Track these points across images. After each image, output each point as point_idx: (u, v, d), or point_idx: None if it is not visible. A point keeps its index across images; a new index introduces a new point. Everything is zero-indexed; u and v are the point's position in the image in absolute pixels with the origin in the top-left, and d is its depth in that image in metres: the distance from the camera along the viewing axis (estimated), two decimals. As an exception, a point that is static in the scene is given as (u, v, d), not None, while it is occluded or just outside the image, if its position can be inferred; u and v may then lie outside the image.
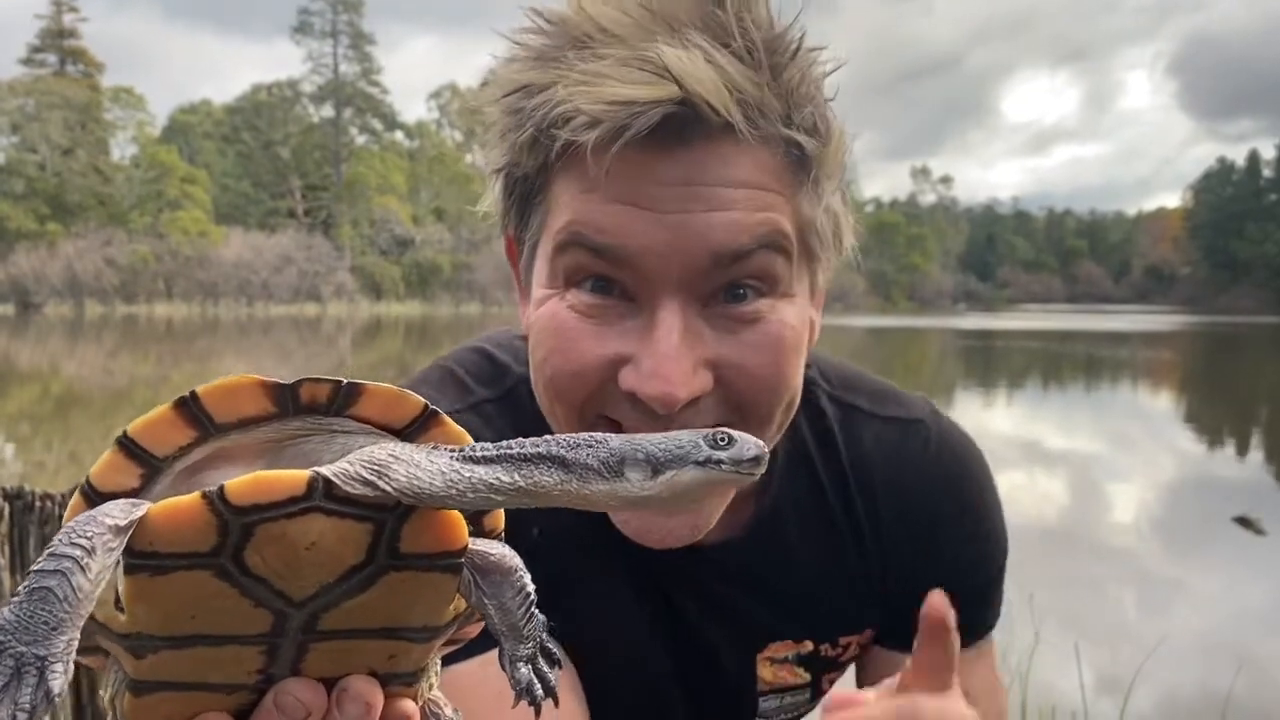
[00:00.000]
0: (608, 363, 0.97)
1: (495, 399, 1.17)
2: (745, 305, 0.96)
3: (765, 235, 0.94)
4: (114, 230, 68.38)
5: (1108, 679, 4.18)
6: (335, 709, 0.62)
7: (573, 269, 0.97)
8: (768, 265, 0.96)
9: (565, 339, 0.98)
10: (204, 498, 0.56)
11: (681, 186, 0.92)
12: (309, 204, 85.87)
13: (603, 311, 0.97)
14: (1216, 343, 46.25)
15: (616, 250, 0.93)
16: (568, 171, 0.96)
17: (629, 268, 0.94)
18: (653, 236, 0.92)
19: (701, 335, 0.96)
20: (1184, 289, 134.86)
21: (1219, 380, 26.69)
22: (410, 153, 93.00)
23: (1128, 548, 7.96)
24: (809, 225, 0.99)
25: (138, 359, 29.29)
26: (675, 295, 0.94)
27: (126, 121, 78.91)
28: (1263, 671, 5.09)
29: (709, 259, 0.93)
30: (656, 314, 0.94)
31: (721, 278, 0.95)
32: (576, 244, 0.95)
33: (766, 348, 0.97)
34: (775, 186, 0.95)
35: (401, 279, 79.76)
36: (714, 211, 0.92)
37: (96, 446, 12.40)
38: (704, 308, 0.96)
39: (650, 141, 0.90)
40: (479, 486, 0.59)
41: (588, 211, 0.94)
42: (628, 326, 0.96)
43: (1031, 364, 28.96)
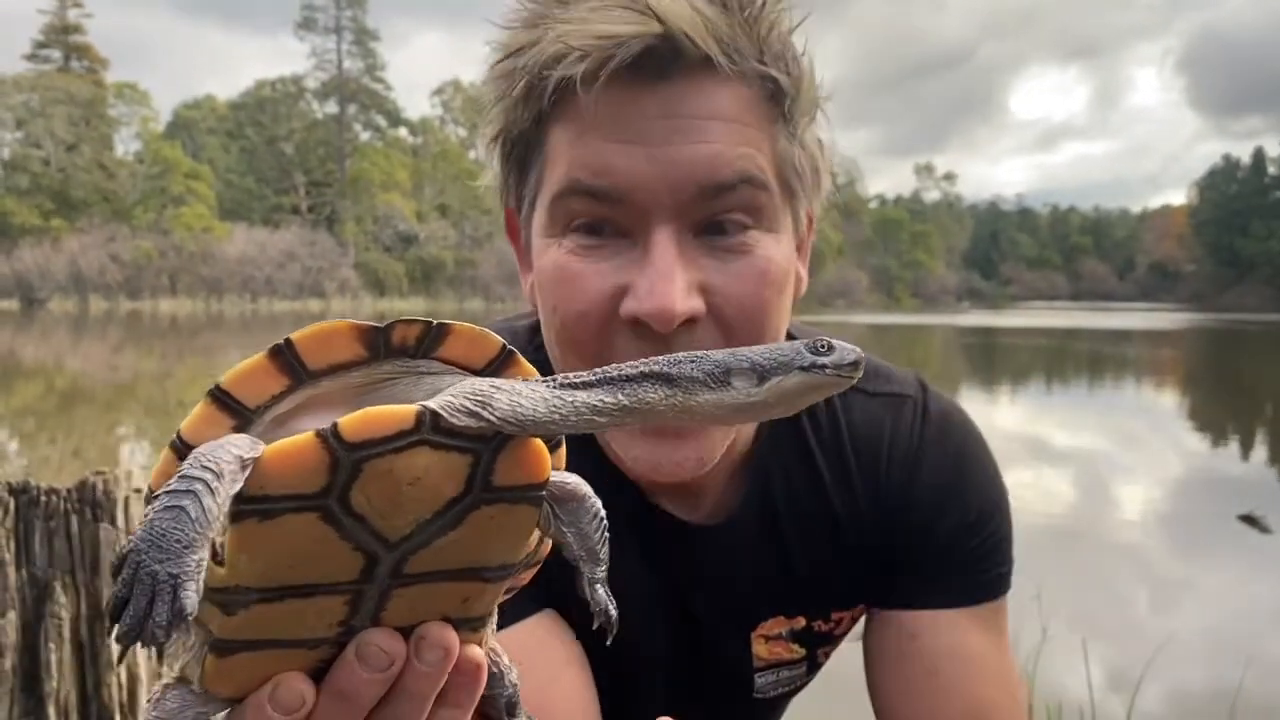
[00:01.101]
0: (610, 295, 1.01)
1: None
2: (733, 237, 1.02)
3: (746, 170, 1.00)
4: (118, 226, 68.43)
5: (1115, 676, 4.16)
6: (414, 657, 0.64)
7: (570, 214, 1.03)
8: (750, 198, 1.02)
9: (568, 281, 1.03)
10: (318, 436, 0.57)
11: (665, 119, 0.98)
12: (313, 200, 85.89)
13: (598, 250, 1.02)
14: (1220, 340, 46.17)
15: (610, 190, 0.99)
16: (561, 120, 1.02)
17: (623, 204, 1.00)
18: (643, 170, 0.98)
19: (695, 260, 1.01)
20: (1188, 286, 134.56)
21: (1223, 378, 26.65)
22: (414, 149, 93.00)
23: (1134, 545, 7.95)
24: (786, 161, 1.05)
25: (142, 355, 29.32)
26: (668, 224, 1.00)
27: (130, 117, 78.99)
28: (1270, 668, 5.08)
29: (695, 190, 0.99)
30: (651, 241, 1.00)
31: (708, 209, 1.01)
32: (574, 190, 1.01)
33: (752, 278, 1.02)
34: (753, 121, 1.02)
35: (405, 275, 79.78)
36: (697, 144, 0.98)
37: (101, 442, 12.41)
38: (695, 238, 1.02)
39: (634, 77, 0.97)
40: (582, 410, 0.61)
41: (582, 156, 1.00)
42: (625, 259, 1.02)
43: (1035, 361, 28.92)
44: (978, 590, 1.21)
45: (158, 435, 13.51)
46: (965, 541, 1.21)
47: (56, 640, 2.67)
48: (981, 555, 1.23)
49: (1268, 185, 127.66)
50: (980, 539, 1.22)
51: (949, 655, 1.17)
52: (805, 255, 1.19)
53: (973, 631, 1.19)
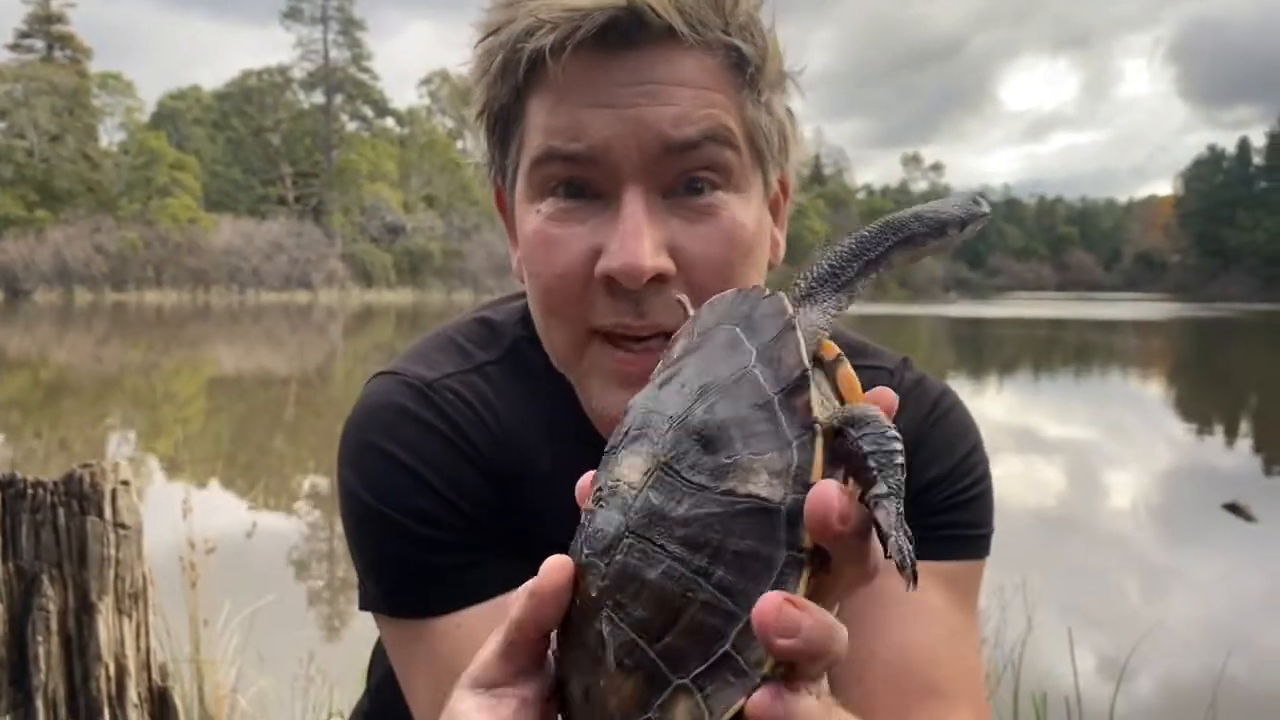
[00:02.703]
0: (586, 258, 1.04)
1: (496, 360, 1.20)
2: (703, 198, 1.04)
3: (710, 129, 1.03)
4: (103, 217, 67.95)
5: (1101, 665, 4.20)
6: None
7: (547, 179, 1.06)
8: (717, 156, 1.04)
9: (547, 246, 1.06)
10: None
11: (633, 85, 1.02)
12: (299, 191, 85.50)
13: (575, 213, 1.05)
14: (1206, 331, 46.41)
15: (582, 152, 1.02)
16: (537, 92, 1.05)
17: (594, 165, 1.03)
18: (612, 129, 1.01)
19: (664, 220, 1.04)
20: (1174, 276, 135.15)
21: (1208, 368, 26.79)
22: (401, 139, 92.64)
23: (1120, 534, 8.01)
24: (754, 126, 1.07)
25: (128, 347, 29.20)
26: (637, 184, 1.02)
27: (115, 107, 78.49)
28: (1254, 656, 5.13)
29: (661, 147, 1.01)
30: (621, 200, 1.03)
31: (676, 167, 1.03)
32: (549, 156, 1.04)
33: (721, 241, 1.05)
34: (717, 86, 1.04)
35: (393, 266, 79.51)
36: (663, 106, 1.02)
37: (87, 434, 12.36)
38: (665, 198, 1.04)
39: (602, 48, 1.00)
40: (853, 298, 0.73)
41: (556, 123, 1.03)
42: (599, 221, 1.04)
43: (1022, 352, 29.03)
44: (948, 545, 1.18)
45: (145, 427, 13.47)
46: (937, 493, 1.19)
47: (44, 633, 2.67)
48: (954, 508, 1.20)
49: (1253, 175, 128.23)
50: (953, 493, 1.20)
51: (901, 599, 1.07)
52: (782, 221, 1.21)
53: (934, 588, 1.15)
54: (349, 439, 1.15)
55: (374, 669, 1.56)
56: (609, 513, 0.62)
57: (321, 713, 3.39)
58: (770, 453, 0.59)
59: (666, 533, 0.58)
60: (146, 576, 2.86)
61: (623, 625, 0.59)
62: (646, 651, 0.58)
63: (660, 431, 0.62)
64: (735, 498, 0.58)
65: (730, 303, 0.70)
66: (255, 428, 13.88)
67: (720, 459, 0.59)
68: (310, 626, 5.40)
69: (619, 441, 0.65)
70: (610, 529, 0.61)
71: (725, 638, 0.57)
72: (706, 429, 0.60)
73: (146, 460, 10.58)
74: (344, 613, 5.82)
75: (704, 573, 0.57)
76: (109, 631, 2.73)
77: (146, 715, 2.81)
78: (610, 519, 0.61)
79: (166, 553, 3.64)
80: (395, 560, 1.11)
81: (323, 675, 3.59)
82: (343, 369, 23.23)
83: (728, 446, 0.59)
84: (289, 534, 7.57)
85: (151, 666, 2.86)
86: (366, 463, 1.12)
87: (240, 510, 8.20)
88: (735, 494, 0.58)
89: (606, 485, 0.63)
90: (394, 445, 1.10)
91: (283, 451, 12.00)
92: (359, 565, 1.15)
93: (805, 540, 0.57)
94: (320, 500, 8.88)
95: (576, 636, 0.64)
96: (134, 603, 2.80)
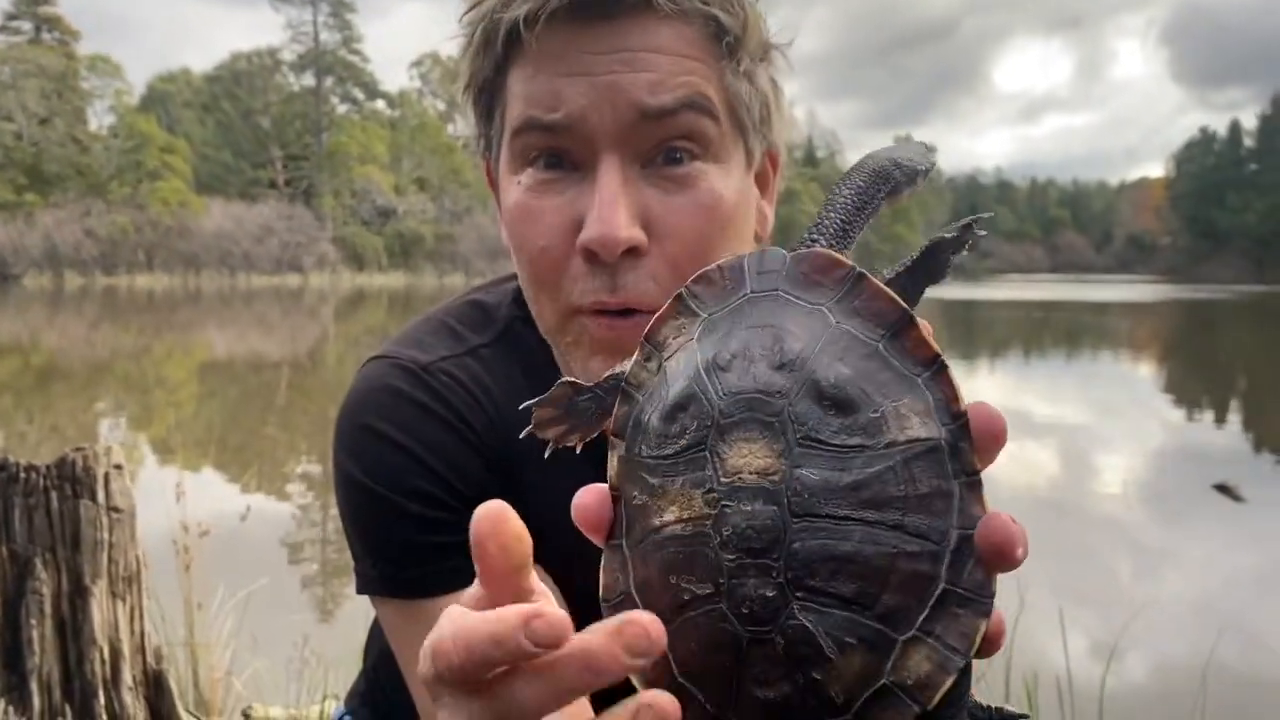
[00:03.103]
0: (567, 229, 1.03)
1: (490, 343, 1.20)
2: (680, 168, 1.04)
3: (688, 96, 1.02)
4: (93, 201, 67.60)
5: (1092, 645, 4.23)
6: None
7: (527, 149, 1.06)
8: (695, 124, 1.03)
9: (529, 218, 1.06)
10: None
11: (609, 54, 1.01)
12: (290, 174, 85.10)
13: (555, 184, 1.05)
14: (1196, 312, 46.53)
15: (559, 121, 1.02)
16: (516, 64, 1.05)
17: (570, 134, 1.02)
18: (587, 97, 1.00)
19: (640, 190, 1.03)
20: (1165, 258, 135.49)
21: (1198, 350, 26.89)
22: (392, 122, 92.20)
23: (1111, 515, 8.04)
24: (734, 96, 1.06)
25: (119, 331, 29.10)
26: (613, 153, 1.02)
27: (103, 90, 77.82)
28: (1244, 635, 5.16)
29: (637, 115, 1.01)
30: (598, 170, 1.02)
31: (653, 135, 1.02)
32: (528, 126, 1.04)
33: (698, 212, 1.04)
34: (696, 55, 1.04)
35: (384, 249, 79.28)
36: (640, 73, 1.01)
37: (79, 419, 12.33)
38: (643, 168, 1.04)
39: (578, 18, 1.00)
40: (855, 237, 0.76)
41: (534, 93, 1.03)
42: (578, 192, 1.04)
43: (1014, 333, 29.09)
44: None
45: (136, 412, 13.45)
46: None
47: (38, 617, 2.67)
48: None
49: (1244, 158, 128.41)
50: None
51: None
52: (771, 195, 1.20)
53: None
54: (344, 423, 1.14)
55: (370, 650, 1.57)
56: (749, 507, 0.57)
57: (316, 694, 3.40)
58: (906, 396, 0.58)
59: (845, 502, 0.56)
60: (140, 560, 2.87)
61: (828, 609, 0.56)
62: (864, 623, 0.56)
63: (769, 412, 0.58)
64: (898, 447, 0.57)
65: (751, 272, 0.65)
66: (247, 412, 13.87)
67: (865, 416, 0.57)
68: (304, 610, 5.41)
69: (686, 445, 0.59)
70: (767, 522, 0.56)
71: (938, 578, 0.56)
72: (836, 392, 0.58)
73: (139, 445, 10.56)
74: (338, 595, 5.83)
75: (900, 526, 0.56)
76: (103, 615, 2.74)
77: (141, 698, 2.82)
78: (756, 514, 0.56)
79: (160, 537, 3.64)
80: (393, 541, 1.11)
81: (317, 658, 3.59)
82: (334, 353, 23.19)
83: (866, 402, 0.58)
84: (282, 518, 7.58)
85: (146, 649, 2.87)
86: (362, 445, 1.12)
87: (233, 494, 8.19)
88: (898, 443, 0.57)
89: (717, 484, 0.58)
90: (390, 427, 1.10)
91: (275, 436, 11.98)
92: (356, 548, 1.15)
93: (975, 463, 0.58)
94: (313, 484, 8.88)
95: (733, 666, 0.58)
96: (128, 586, 2.81)
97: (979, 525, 0.57)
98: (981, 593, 0.57)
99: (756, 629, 0.57)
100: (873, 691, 0.56)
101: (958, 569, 0.57)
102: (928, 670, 0.56)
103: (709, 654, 0.58)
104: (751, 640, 0.57)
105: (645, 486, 0.61)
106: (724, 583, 0.57)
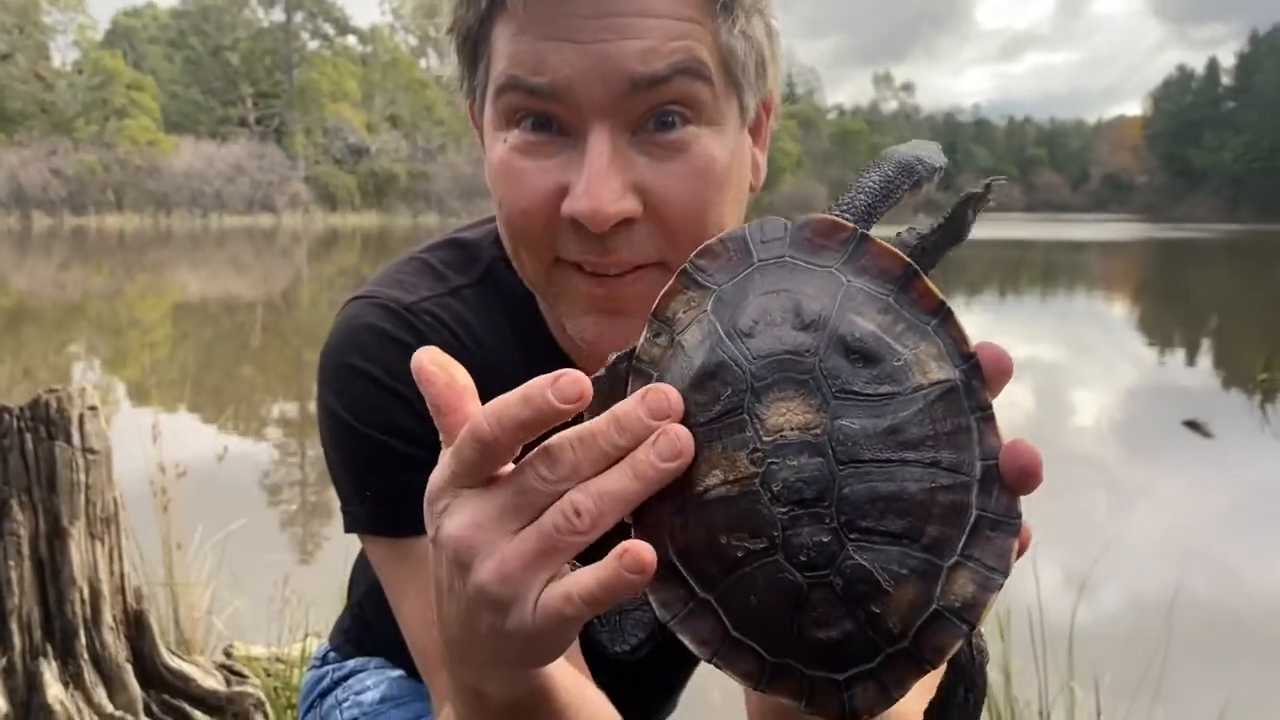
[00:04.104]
0: (551, 195, 1.01)
1: (472, 283, 1.19)
2: (672, 133, 1.00)
3: (681, 62, 0.98)
4: (59, 139, 66.43)
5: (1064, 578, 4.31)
6: None
7: (511, 109, 1.02)
8: (688, 90, 0.99)
9: (513, 179, 1.03)
10: None
11: (597, 19, 0.97)
12: (260, 112, 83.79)
13: (542, 147, 1.02)
14: (1170, 251, 46.81)
15: (545, 87, 0.98)
16: (502, 17, 1.01)
17: (559, 101, 0.99)
18: (576, 65, 0.97)
19: (631, 160, 1.00)
20: (1140, 197, 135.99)
21: (1171, 289, 27.10)
22: (363, 58, 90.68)
23: (1082, 451, 8.15)
24: (729, 53, 1.03)
25: (90, 272, 28.77)
26: (603, 121, 0.99)
27: (66, 25, 76.13)
28: (1210, 568, 5.28)
29: (628, 84, 0.97)
30: (587, 140, 0.99)
31: (644, 103, 0.99)
32: (512, 86, 1.00)
33: (691, 178, 1.01)
34: (688, 15, 0.99)
35: (357, 189, 78.44)
36: (630, 40, 0.97)
37: (51, 361, 12.22)
38: (633, 135, 1.01)
39: None
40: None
41: (519, 53, 0.99)
42: (566, 158, 1.01)
43: (989, 273, 29.20)
44: None
45: (110, 354, 13.35)
46: None
47: (16, 558, 2.67)
48: None
49: (1221, 96, 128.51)
50: None
51: None
52: (763, 143, 1.18)
53: None
54: (328, 363, 1.13)
55: (355, 586, 1.57)
56: (796, 461, 0.61)
57: (298, 632, 3.42)
58: (922, 343, 0.63)
59: (884, 446, 0.61)
60: (118, 501, 2.86)
61: (880, 546, 0.60)
62: (913, 555, 0.60)
63: (800, 371, 0.62)
64: (923, 390, 0.62)
65: (755, 242, 0.69)
66: (222, 353, 13.79)
67: (890, 365, 0.62)
68: (284, 550, 5.43)
69: (721, 410, 0.63)
70: (816, 473, 0.61)
71: (970, 506, 0.62)
72: (862, 345, 0.62)
73: (114, 387, 10.49)
74: (317, 535, 5.85)
75: (935, 463, 0.61)
76: (82, 556, 2.74)
77: (122, 637, 2.83)
78: (804, 466, 0.61)
79: (138, 479, 3.63)
80: (380, 480, 1.11)
81: (298, 597, 3.61)
82: (309, 294, 23.03)
83: (889, 352, 0.62)
84: (260, 459, 7.56)
85: (126, 590, 2.88)
86: (346, 385, 1.11)
87: (210, 436, 8.16)
88: (922, 387, 0.62)
89: (760, 444, 0.61)
90: (374, 367, 1.09)
91: (251, 377, 11.93)
92: (343, 488, 1.15)
93: (987, 399, 0.64)
94: (290, 425, 8.87)
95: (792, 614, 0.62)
96: (106, 527, 2.81)
97: (1003, 452, 0.63)
98: (1009, 515, 0.63)
99: (815, 574, 0.60)
100: (926, 617, 0.61)
101: (986, 496, 0.62)
102: (972, 591, 0.61)
103: (767, 604, 0.62)
104: (811, 585, 0.60)
105: None
106: (778, 535, 0.61)
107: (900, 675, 0.62)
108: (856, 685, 0.62)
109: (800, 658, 0.62)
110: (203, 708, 2.88)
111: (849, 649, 0.62)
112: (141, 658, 2.87)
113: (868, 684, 0.62)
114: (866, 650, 0.62)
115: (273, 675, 3.17)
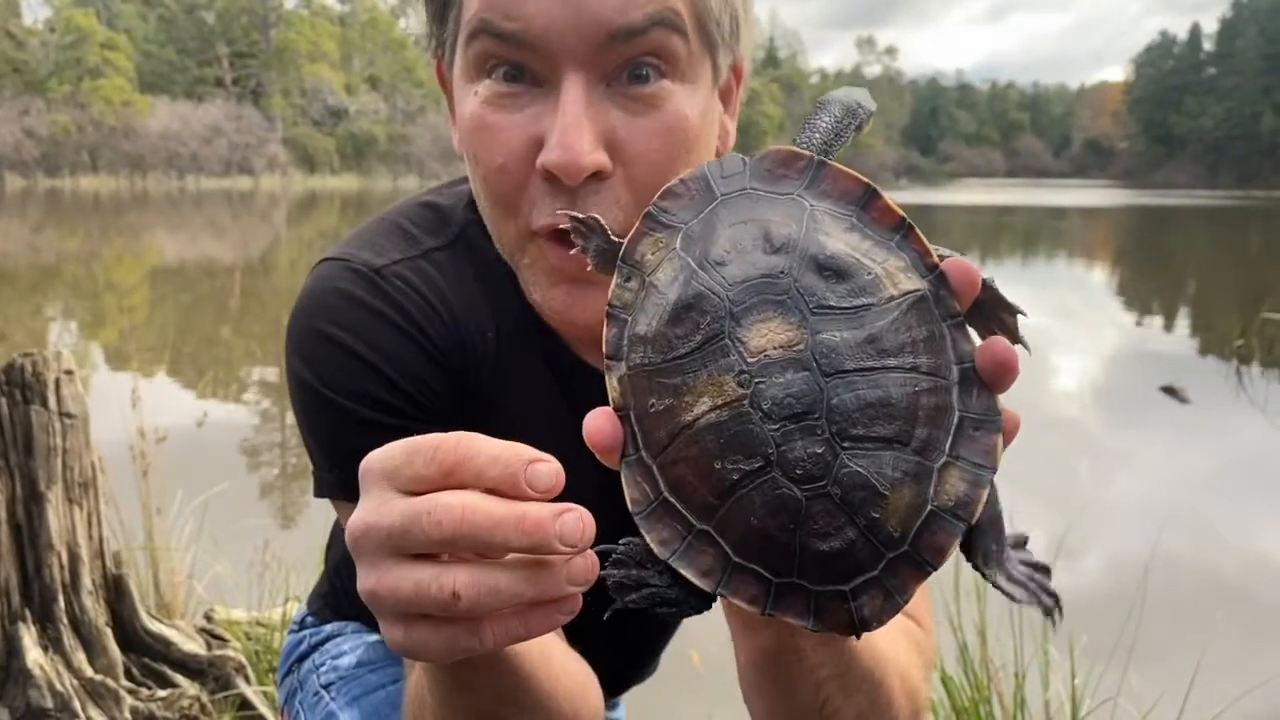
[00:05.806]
0: (525, 148, 1.00)
1: (444, 246, 1.17)
2: (646, 86, 1.00)
3: (657, 13, 0.97)
4: (31, 99, 65.47)
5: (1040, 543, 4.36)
6: None
7: (482, 57, 1.01)
8: (663, 42, 0.99)
9: (486, 135, 1.02)
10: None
11: None
12: (237, 72, 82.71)
13: (514, 99, 1.01)
14: (1150, 218, 47.01)
15: (519, 34, 0.97)
16: None
17: (532, 49, 0.98)
18: (550, 14, 0.95)
19: (605, 111, 0.99)
20: (1121, 163, 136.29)
21: (1150, 255, 27.25)
22: (341, 18, 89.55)
23: (1061, 415, 8.21)
24: (704, 10, 1.02)
25: (64, 235, 28.43)
26: (578, 72, 0.98)
27: (38, -18, 74.87)
28: (1186, 528, 5.35)
29: (605, 34, 0.96)
30: (561, 90, 0.98)
31: (620, 54, 0.98)
32: (484, 32, 0.99)
33: (663, 134, 1.01)
34: None
35: (336, 151, 77.71)
36: None
37: (27, 325, 12.11)
38: (607, 87, 1.00)
39: None
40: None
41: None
42: (538, 110, 1.00)
43: (971, 238, 29.27)
44: None
45: (87, 318, 13.22)
46: None
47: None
48: None
49: (1203, 62, 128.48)
50: None
51: None
52: (733, 109, 1.17)
53: None
54: (296, 326, 1.11)
55: (331, 552, 1.57)
56: (783, 378, 0.62)
57: (279, 597, 3.43)
58: (889, 257, 0.65)
59: (867, 355, 0.62)
60: (96, 466, 2.84)
61: (874, 451, 0.61)
62: (905, 458, 0.62)
63: (777, 292, 0.63)
64: (895, 300, 0.64)
65: (715, 178, 0.71)
66: (201, 317, 13.68)
67: (862, 279, 0.64)
68: (264, 515, 5.42)
69: (703, 339, 0.64)
70: (804, 387, 0.61)
71: (952, 407, 0.64)
72: (833, 263, 0.64)
73: (91, 351, 10.41)
74: (297, 500, 5.84)
75: (915, 367, 0.63)
76: (60, 520, 2.72)
77: (102, 601, 2.83)
78: (792, 381, 0.61)
79: (117, 443, 3.61)
80: (348, 446, 1.10)
81: (278, 561, 3.61)
82: (288, 257, 22.84)
83: (859, 267, 0.64)
84: (239, 423, 7.54)
85: (105, 554, 2.87)
86: (315, 350, 1.09)
87: (189, 400, 8.12)
88: (894, 297, 0.64)
89: (745, 365, 0.62)
90: (342, 332, 1.07)
91: (230, 341, 11.86)
92: (314, 453, 1.14)
93: (956, 307, 0.66)
94: (270, 390, 8.83)
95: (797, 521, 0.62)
96: (84, 492, 2.79)
97: (978, 351, 0.65)
98: (990, 413, 0.65)
99: (812, 486, 0.61)
100: (923, 519, 0.62)
101: (967, 397, 0.64)
102: (964, 489, 0.63)
103: (767, 523, 0.62)
104: (810, 497, 0.61)
105: (665, 390, 0.65)
106: (773, 452, 0.61)
107: (904, 579, 0.63)
108: (863, 594, 0.63)
109: (804, 573, 0.63)
110: (183, 671, 2.88)
111: (852, 557, 0.62)
112: (121, 622, 2.87)
113: (874, 592, 0.63)
114: (870, 557, 0.62)
115: (253, 639, 3.17)
